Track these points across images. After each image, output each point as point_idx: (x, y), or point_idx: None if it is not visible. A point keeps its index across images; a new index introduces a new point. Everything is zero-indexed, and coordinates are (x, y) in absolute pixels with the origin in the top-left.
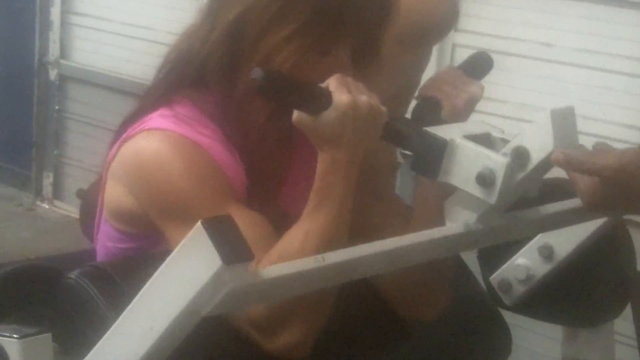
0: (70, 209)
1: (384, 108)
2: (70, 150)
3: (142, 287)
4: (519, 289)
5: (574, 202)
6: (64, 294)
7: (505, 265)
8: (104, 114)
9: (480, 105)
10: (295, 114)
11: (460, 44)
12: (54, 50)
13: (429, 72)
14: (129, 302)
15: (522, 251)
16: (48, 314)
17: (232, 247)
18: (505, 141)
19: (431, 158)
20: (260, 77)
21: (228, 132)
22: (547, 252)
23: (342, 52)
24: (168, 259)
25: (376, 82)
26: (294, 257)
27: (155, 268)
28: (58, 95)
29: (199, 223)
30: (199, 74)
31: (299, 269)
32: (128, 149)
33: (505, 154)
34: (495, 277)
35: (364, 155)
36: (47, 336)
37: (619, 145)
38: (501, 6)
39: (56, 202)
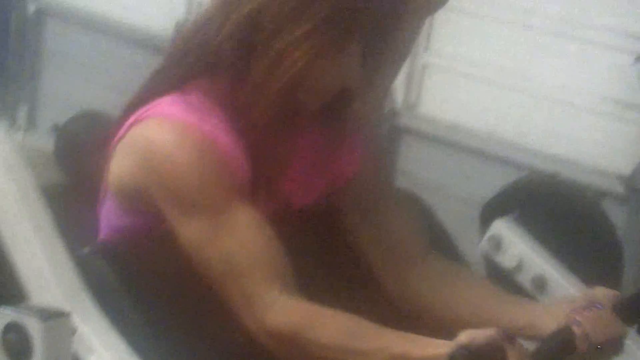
0: (43, 141)
1: None
2: (46, 83)
3: (149, 265)
4: None
5: None
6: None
7: None
8: (79, 49)
9: (460, 68)
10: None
11: None
12: None
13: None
14: (137, 279)
15: None
16: None
17: None
18: None
19: None
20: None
21: (236, 122)
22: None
23: (354, 49)
24: None
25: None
26: (337, 346)
27: (162, 247)
28: (35, 29)
29: None
30: (212, 62)
31: None
32: (137, 133)
33: None
34: None
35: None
36: (68, 319)
37: (595, 117)
38: None
39: (30, 134)
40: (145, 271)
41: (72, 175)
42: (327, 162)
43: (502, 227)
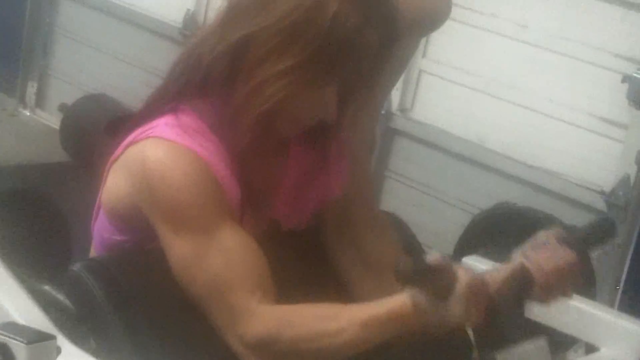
0: (51, 119)
1: (485, 321)
2: (57, 63)
3: (137, 282)
4: None
5: None
6: (67, 284)
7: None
8: (92, 33)
9: (454, 77)
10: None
11: None
12: None
13: None
14: (125, 296)
15: None
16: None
17: None
18: None
19: None
20: (407, 269)
21: (226, 143)
22: None
23: (332, 87)
24: None
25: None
26: (320, 335)
27: (151, 264)
28: (50, 9)
29: None
30: (205, 81)
31: None
32: (133, 154)
33: None
34: None
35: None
36: (53, 342)
37: (580, 132)
38: None
39: (38, 111)
40: (134, 289)
41: (74, 156)
42: (315, 184)
43: (471, 264)
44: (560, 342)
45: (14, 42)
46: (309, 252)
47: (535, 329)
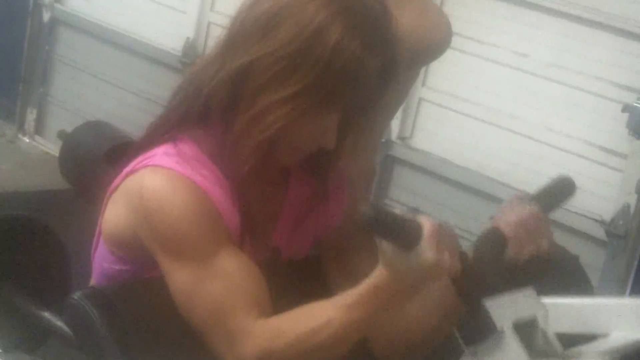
0: (50, 146)
1: (459, 265)
2: (56, 90)
3: (138, 311)
4: None
5: None
6: (67, 312)
7: None
8: (91, 60)
9: (454, 105)
10: (384, 243)
11: None
12: None
13: None
14: (125, 325)
15: None
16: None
17: None
18: (545, 337)
19: (477, 331)
20: (370, 216)
21: (225, 172)
22: None
23: (332, 114)
24: None
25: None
26: (306, 332)
27: (152, 293)
28: (49, 37)
29: None
30: (204, 110)
31: None
32: (132, 183)
33: None
34: None
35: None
36: None
37: (580, 161)
38: (479, 10)
39: (37, 138)
40: (135, 317)
41: (74, 183)
42: (315, 213)
43: None
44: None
45: (13, 69)
46: (309, 281)
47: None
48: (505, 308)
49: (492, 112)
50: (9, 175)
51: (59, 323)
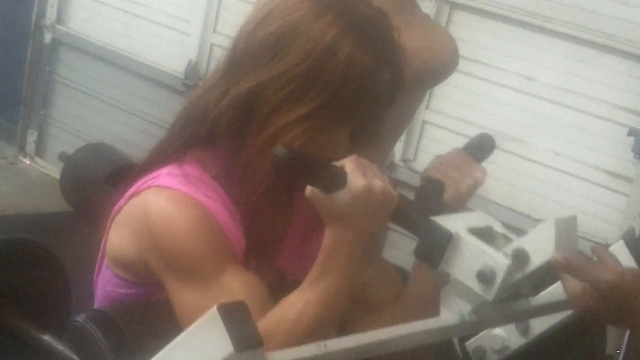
0: (51, 168)
1: (395, 193)
2: (56, 112)
3: (143, 334)
4: (493, 358)
5: (562, 294)
6: (70, 335)
7: (482, 333)
8: (92, 82)
9: (458, 128)
10: (309, 190)
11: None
12: (51, 14)
13: None
14: (131, 348)
15: None
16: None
17: (244, 334)
18: (506, 237)
19: (435, 248)
20: (283, 155)
21: (231, 194)
22: (523, 327)
23: (345, 130)
24: (180, 338)
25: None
26: (290, 324)
27: (157, 316)
28: (50, 58)
29: (214, 308)
30: (210, 133)
31: (303, 355)
32: (136, 204)
33: (506, 254)
34: (471, 343)
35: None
36: None
37: (585, 185)
38: (485, 33)
39: (37, 160)
40: (140, 340)
41: (75, 205)
42: (320, 234)
43: None
44: None
45: (14, 90)
46: None
47: None
48: (456, 219)
49: (496, 136)
50: (9, 197)
51: (60, 346)
